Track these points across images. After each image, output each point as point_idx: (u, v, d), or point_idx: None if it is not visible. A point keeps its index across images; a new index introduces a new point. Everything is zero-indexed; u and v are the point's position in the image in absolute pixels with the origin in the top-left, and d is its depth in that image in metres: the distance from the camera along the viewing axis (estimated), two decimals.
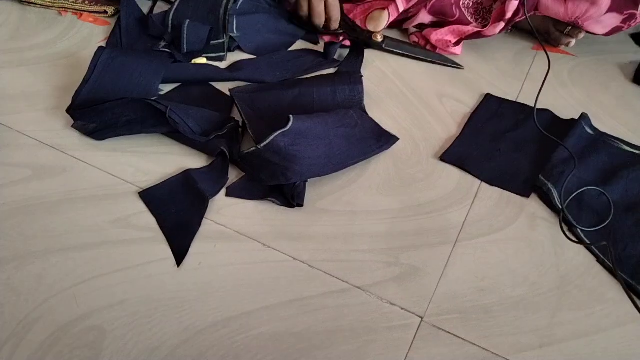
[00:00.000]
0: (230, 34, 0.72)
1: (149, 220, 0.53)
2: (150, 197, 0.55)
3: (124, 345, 0.44)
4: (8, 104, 0.64)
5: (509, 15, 0.72)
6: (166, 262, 0.50)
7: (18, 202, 0.54)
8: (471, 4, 0.75)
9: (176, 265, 0.49)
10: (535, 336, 0.46)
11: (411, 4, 0.76)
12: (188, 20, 0.70)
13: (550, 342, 0.46)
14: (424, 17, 0.77)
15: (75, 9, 0.80)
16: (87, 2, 0.80)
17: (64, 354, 0.43)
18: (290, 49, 0.76)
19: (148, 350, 0.44)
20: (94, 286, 0.48)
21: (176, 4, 0.74)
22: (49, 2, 0.80)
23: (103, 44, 0.74)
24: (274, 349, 0.44)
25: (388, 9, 0.76)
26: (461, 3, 0.75)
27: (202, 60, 0.72)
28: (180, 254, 0.50)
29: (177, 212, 0.54)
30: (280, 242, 0.52)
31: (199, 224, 0.52)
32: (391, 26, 0.79)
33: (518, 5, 0.71)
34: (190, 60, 0.71)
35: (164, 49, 0.70)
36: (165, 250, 0.50)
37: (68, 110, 0.61)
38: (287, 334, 0.45)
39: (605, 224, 0.54)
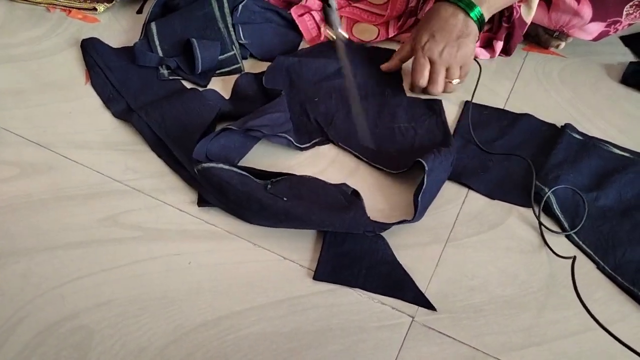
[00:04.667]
0: (240, 42, 0.71)
1: (137, 219, 0.52)
2: None
3: (112, 346, 0.43)
4: None
5: (497, 51, 0.75)
6: (154, 261, 0.49)
7: (4, 200, 0.53)
8: None
9: (164, 266, 0.49)
10: (525, 335, 0.46)
11: (400, 31, 0.76)
12: (195, 40, 0.67)
13: (540, 341, 0.46)
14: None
15: (64, 6, 0.79)
16: None
17: (50, 355, 0.43)
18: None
19: (136, 350, 0.43)
20: (81, 285, 0.47)
21: (154, 29, 0.70)
22: None
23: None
24: (263, 348, 0.44)
25: (379, 29, 0.76)
26: None
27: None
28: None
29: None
30: (271, 241, 0.51)
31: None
32: None
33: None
34: (206, 82, 0.68)
35: (173, 77, 0.68)
36: (153, 250, 0.50)
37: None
38: (276, 334, 0.45)
39: (580, 226, 0.53)
